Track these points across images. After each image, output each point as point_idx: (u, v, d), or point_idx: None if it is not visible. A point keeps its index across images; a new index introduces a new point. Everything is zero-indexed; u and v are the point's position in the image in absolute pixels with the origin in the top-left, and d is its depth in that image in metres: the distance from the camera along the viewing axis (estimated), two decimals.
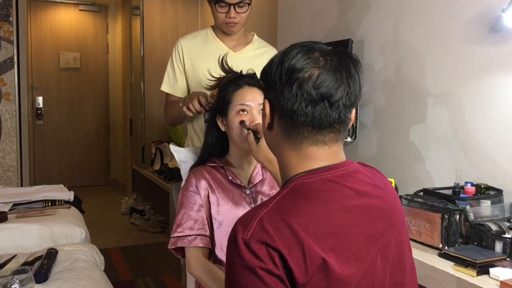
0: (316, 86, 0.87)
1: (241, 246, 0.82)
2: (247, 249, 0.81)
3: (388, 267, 0.91)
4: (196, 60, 2.00)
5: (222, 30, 2.00)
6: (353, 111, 0.94)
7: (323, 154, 0.91)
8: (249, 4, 1.92)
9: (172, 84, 2.04)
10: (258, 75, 1.64)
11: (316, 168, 0.91)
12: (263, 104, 0.96)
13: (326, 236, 0.84)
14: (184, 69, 2.02)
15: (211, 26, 2.06)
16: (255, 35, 2.12)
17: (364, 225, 0.89)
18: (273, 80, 0.91)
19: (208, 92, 1.82)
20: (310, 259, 0.81)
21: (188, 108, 1.78)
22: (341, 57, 0.91)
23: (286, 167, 0.94)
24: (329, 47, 0.93)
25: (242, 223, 0.85)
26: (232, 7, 1.88)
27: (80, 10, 6.26)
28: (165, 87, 2.06)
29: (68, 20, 6.20)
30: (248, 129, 1.47)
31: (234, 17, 1.90)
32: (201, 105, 1.76)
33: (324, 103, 0.88)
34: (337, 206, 0.87)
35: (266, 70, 0.95)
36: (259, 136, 1.43)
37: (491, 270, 1.37)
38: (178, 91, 2.04)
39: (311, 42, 0.93)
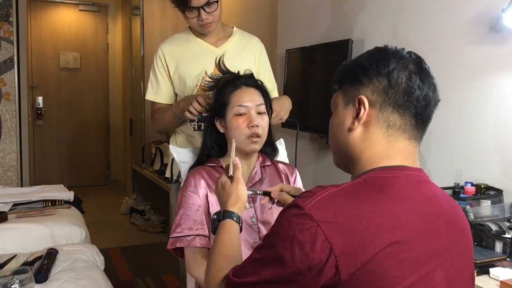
0: (421, 79, 0.90)
1: (295, 212, 0.83)
2: (298, 217, 0.82)
3: (447, 284, 0.88)
4: (180, 63, 1.96)
5: (198, 32, 1.97)
6: None
7: (410, 152, 0.93)
8: (217, 1, 1.86)
9: (156, 91, 2.00)
10: (244, 68, 1.63)
11: (394, 166, 0.91)
12: (359, 100, 0.92)
13: (389, 230, 0.82)
14: (168, 74, 1.98)
15: (188, 26, 2.02)
16: (235, 27, 2.07)
17: (430, 234, 0.87)
18: (377, 73, 0.91)
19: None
20: (362, 250, 0.79)
21: (190, 112, 1.75)
22: (422, 61, 0.94)
23: (366, 162, 0.93)
24: (410, 52, 0.95)
25: (309, 192, 0.87)
26: (201, 10, 1.83)
27: (80, 10, 6.26)
28: (150, 96, 2.02)
29: (68, 20, 6.19)
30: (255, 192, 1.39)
31: (207, 18, 1.86)
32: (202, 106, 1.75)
33: (426, 98, 0.91)
34: (408, 207, 0.86)
35: (362, 64, 0.94)
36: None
37: (491, 270, 1.37)
38: (164, 98, 2.00)
39: (387, 45, 0.96)
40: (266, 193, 1.33)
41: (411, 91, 0.90)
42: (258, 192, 1.36)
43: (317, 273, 0.80)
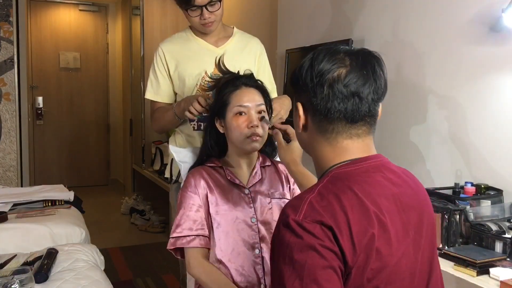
0: (345, 84, 0.93)
1: (295, 227, 0.86)
2: (302, 229, 0.85)
3: (420, 257, 0.95)
4: (180, 62, 1.95)
5: (200, 31, 1.98)
6: (380, 105, 0.99)
7: (357, 147, 0.97)
8: (219, 1, 1.86)
9: (156, 90, 2.00)
10: (244, 69, 1.64)
11: (352, 159, 0.96)
12: (296, 107, 1.00)
13: (371, 216, 0.88)
14: (168, 73, 1.98)
15: (189, 26, 2.01)
16: (235, 27, 2.07)
17: (399, 213, 0.93)
18: (304, 83, 0.97)
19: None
20: (358, 237, 0.85)
21: (190, 112, 1.75)
22: (365, 55, 0.97)
23: (322, 161, 1.00)
24: (352, 48, 0.99)
25: (291, 207, 0.90)
26: (204, 8, 1.83)
27: (80, 10, 6.26)
28: (149, 95, 2.01)
29: (68, 20, 6.20)
30: (272, 127, 1.48)
31: (209, 17, 1.85)
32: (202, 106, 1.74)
33: (355, 99, 0.94)
34: (377, 192, 0.92)
35: (296, 74, 1.00)
36: (290, 139, 1.43)
37: (491, 270, 1.37)
38: (164, 97, 2.00)
39: (334, 46, 0.99)
40: (271, 127, 1.49)
41: (333, 98, 0.94)
42: (269, 122, 1.53)
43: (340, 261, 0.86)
